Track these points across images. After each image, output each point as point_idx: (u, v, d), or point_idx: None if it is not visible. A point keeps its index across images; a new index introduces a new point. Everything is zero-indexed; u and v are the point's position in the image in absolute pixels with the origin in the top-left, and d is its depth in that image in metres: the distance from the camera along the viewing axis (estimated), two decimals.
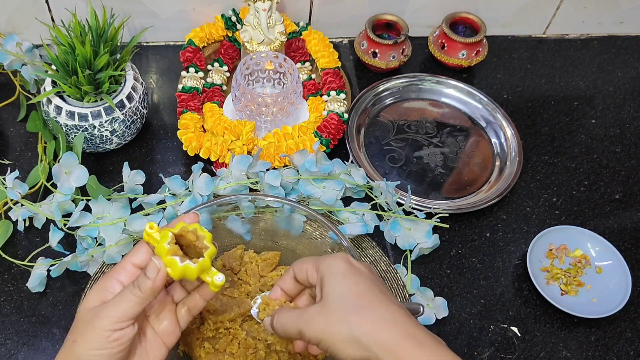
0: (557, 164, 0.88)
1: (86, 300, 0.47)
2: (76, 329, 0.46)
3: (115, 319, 0.45)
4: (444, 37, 0.95)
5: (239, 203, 0.64)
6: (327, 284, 0.47)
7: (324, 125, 0.82)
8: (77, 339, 0.45)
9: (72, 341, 0.46)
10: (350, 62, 0.98)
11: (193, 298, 0.52)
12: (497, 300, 0.73)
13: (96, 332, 0.45)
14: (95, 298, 0.47)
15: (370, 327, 0.44)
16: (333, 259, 0.49)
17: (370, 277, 0.48)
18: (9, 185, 0.69)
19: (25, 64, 0.82)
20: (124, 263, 0.49)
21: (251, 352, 0.59)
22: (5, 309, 0.68)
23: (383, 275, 0.70)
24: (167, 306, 0.51)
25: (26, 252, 0.71)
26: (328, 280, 0.47)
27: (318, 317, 0.46)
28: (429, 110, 0.92)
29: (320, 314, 0.46)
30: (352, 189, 0.77)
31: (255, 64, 0.83)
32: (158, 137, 0.85)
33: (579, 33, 1.07)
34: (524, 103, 0.95)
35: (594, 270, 0.76)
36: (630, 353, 0.70)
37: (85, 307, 0.47)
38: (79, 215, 0.67)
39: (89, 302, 0.47)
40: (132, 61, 0.81)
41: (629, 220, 0.82)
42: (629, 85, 1.00)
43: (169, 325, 0.50)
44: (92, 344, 0.45)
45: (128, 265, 0.48)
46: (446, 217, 0.75)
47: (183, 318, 0.51)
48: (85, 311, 0.47)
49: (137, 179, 0.72)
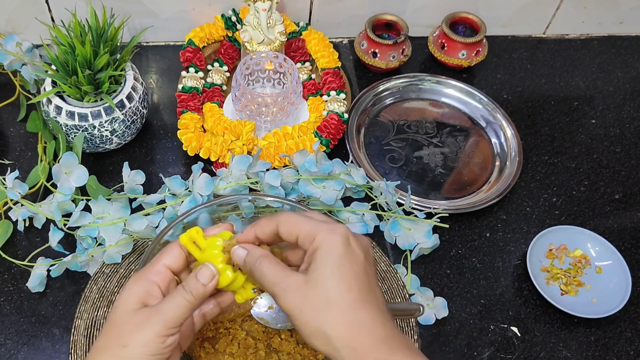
0: (557, 164, 0.88)
1: (124, 302, 0.46)
2: (123, 333, 0.45)
3: (169, 324, 0.44)
4: (444, 37, 0.95)
5: (239, 203, 0.64)
6: (319, 263, 0.43)
7: (324, 125, 0.82)
8: (128, 343, 0.44)
9: (122, 346, 0.44)
10: (350, 62, 0.98)
11: (209, 304, 0.51)
12: (497, 300, 0.73)
13: (151, 337, 0.43)
14: (135, 300, 0.46)
15: (346, 331, 0.42)
16: (333, 235, 0.44)
17: (363, 266, 0.44)
18: (9, 185, 0.69)
19: (25, 64, 0.82)
20: (157, 265, 0.48)
21: (251, 352, 0.59)
22: (5, 309, 0.68)
23: (383, 275, 0.70)
24: None
25: (26, 252, 0.71)
26: (321, 259, 0.43)
27: (296, 293, 0.43)
28: (429, 110, 0.92)
29: (300, 291, 0.43)
30: (352, 189, 0.77)
31: (255, 64, 0.83)
32: (158, 137, 0.85)
33: (579, 33, 1.07)
34: (524, 103, 0.95)
35: (594, 270, 0.76)
36: (630, 353, 0.70)
37: (125, 310, 0.45)
38: (79, 215, 0.67)
39: (128, 304, 0.46)
40: (132, 61, 0.81)
41: (629, 220, 0.82)
42: (629, 85, 1.00)
43: (186, 330, 0.49)
44: (147, 349, 0.43)
45: (162, 268, 0.48)
46: (446, 217, 0.75)
47: (198, 323, 0.51)
48: (128, 314, 0.45)
49: (137, 179, 0.72)
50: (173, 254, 0.48)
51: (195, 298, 0.45)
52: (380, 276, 0.70)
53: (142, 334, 0.44)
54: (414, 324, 0.67)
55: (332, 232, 0.45)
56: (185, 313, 0.45)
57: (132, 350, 0.43)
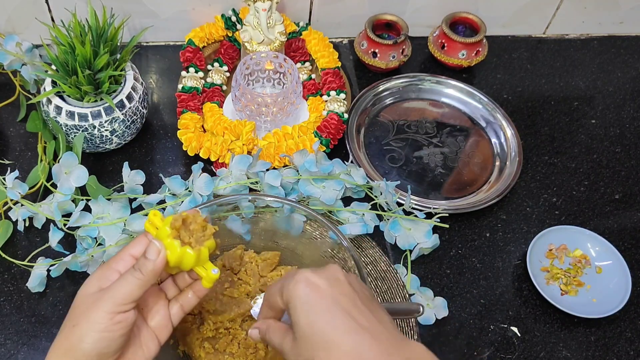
0: (557, 164, 0.88)
1: (85, 287, 0.47)
2: (75, 314, 0.46)
3: (118, 301, 0.45)
4: (444, 37, 0.95)
5: (239, 203, 0.64)
6: (293, 316, 0.46)
7: (324, 125, 0.82)
8: (78, 322, 0.45)
9: (72, 325, 0.45)
10: (350, 62, 0.98)
11: (185, 295, 0.53)
12: (497, 300, 0.73)
13: (99, 314, 0.45)
14: (94, 285, 0.47)
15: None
16: (293, 284, 0.46)
17: (333, 299, 0.45)
18: (9, 185, 0.69)
19: (25, 64, 0.82)
20: (123, 254, 0.49)
21: (251, 352, 0.59)
22: (5, 309, 0.68)
23: (383, 275, 0.70)
24: (159, 301, 0.52)
25: (26, 252, 0.71)
26: (294, 313, 0.46)
27: (292, 350, 0.46)
28: (429, 110, 0.92)
29: (293, 347, 0.46)
30: (352, 189, 0.77)
31: (255, 64, 0.83)
32: (158, 137, 0.85)
33: (579, 33, 1.07)
34: (524, 103, 0.95)
35: (594, 270, 0.76)
36: (630, 353, 0.70)
37: (84, 294, 0.47)
38: (79, 215, 0.67)
39: (87, 288, 0.47)
40: (132, 61, 0.81)
41: (629, 220, 0.82)
42: (629, 85, 1.00)
43: (161, 320, 0.51)
44: (95, 326, 0.44)
45: (126, 256, 0.49)
46: (446, 217, 0.75)
47: (176, 315, 0.52)
48: (85, 297, 0.47)
49: (137, 179, 0.72)
50: (140, 243, 0.49)
51: (144, 275, 0.46)
52: (380, 276, 0.70)
53: (91, 312, 0.45)
54: (414, 324, 0.67)
55: (293, 281, 0.47)
56: (135, 290, 0.46)
57: (81, 328, 0.45)
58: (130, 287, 0.46)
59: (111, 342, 0.45)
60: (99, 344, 0.45)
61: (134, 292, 0.46)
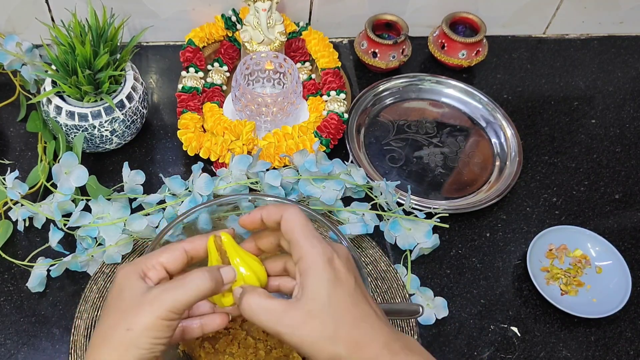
0: (557, 164, 0.88)
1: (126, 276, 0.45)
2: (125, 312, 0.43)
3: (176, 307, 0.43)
4: (444, 37, 0.95)
5: (239, 203, 0.64)
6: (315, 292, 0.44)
7: (324, 125, 0.82)
8: (132, 326, 0.42)
9: (126, 329, 0.42)
10: (350, 62, 0.98)
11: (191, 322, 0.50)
12: (497, 300, 0.73)
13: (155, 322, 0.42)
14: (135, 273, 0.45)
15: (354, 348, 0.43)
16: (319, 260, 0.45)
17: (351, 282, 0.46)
18: (9, 185, 0.69)
19: (25, 64, 0.82)
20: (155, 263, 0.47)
21: (251, 352, 0.59)
22: (5, 309, 0.68)
23: (383, 275, 0.70)
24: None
25: (26, 252, 0.71)
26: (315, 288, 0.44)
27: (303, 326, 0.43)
28: (429, 110, 0.92)
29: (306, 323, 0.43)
30: (352, 189, 0.77)
31: (255, 64, 0.83)
32: (158, 137, 0.85)
33: (579, 33, 1.07)
34: (524, 103, 0.95)
35: (594, 270, 0.76)
36: (630, 353, 0.70)
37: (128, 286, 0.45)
38: (79, 215, 0.67)
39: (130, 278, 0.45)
40: (132, 61, 0.81)
41: (629, 220, 0.82)
42: (629, 85, 1.00)
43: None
44: (151, 333, 0.42)
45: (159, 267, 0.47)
46: (446, 217, 0.75)
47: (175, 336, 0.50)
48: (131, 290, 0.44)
49: (137, 179, 0.72)
50: (198, 241, 0.48)
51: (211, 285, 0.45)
52: (380, 276, 0.71)
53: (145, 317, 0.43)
54: (414, 324, 0.67)
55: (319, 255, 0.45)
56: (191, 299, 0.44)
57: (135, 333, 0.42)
58: (189, 296, 0.44)
59: (163, 347, 0.44)
60: (153, 349, 0.43)
61: (192, 302, 0.44)
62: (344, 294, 0.45)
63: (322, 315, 0.44)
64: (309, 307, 0.44)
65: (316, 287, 0.44)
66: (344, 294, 0.45)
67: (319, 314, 0.44)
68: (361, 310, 0.45)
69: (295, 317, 0.44)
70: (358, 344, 0.43)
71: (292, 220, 0.47)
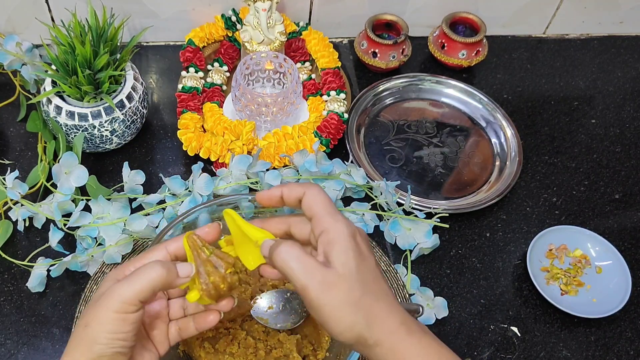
0: (557, 164, 0.88)
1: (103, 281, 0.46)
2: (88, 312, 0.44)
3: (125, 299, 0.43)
4: (444, 37, 0.95)
5: (239, 203, 0.64)
6: (342, 259, 0.44)
7: (324, 125, 0.82)
8: (89, 322, 0.43)
9: (85, 326, 0.44)
10: (350, 62, 0.98)
11: (187, 321, 0.51)
12: (497, 300, 0.73)
13: (109, 314, 0.43)
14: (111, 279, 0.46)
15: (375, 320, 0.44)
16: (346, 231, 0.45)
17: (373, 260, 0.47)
18: (9, 185, 0.69)
19: (25, 64, 0.82)
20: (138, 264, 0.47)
21: (251, 352, 0.59)
22: (5, 309, 0.68)
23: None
24: (161, 317, 0.50)
25: (26, 252, 0.71)
26: (343, 255, 0.44)
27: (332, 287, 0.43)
28: (429, 110, 0.92)
29: (336, 285, 0.43)
30: (352, 189, 0.77)
31: (255, 64, 0.83)
32: (158, 137, 0.85)
33: (579, 33, 1.07)
34: (524, 103, 0.95)
35: (594, 270, 0.76)
36: (630, 353, 0.70)
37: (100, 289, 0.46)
38: (79, 215, 0.67)
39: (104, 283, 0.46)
40: (132, 61, 0.82)
41: (629, 220, 0.82)
42: (629, 85, 1.00)
43: (158, 334, 0.50)
44: (107, 327, 0.43)
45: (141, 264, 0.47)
46: (446, 217, 0.75)
47: (172, 335, 0.51)
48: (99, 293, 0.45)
49: (137, 179, 0.72)
50: (156, 255, 0.48)
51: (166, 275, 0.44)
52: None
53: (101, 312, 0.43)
54: None
55: (346, 227, 0.46)
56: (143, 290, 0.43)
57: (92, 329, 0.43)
58: (141, 286, 0.43)
59: (124, 342, 0.44)
60: (112, 344, 0.43)
61: (144, 292, 0.43)
62: (367, 267, 0.45)
63: (352, 281, 0.44)
64: (340, 272, 0.44)
65: (344, 257, 0.45)
66: (367, 267, 0.45)
67: (349, 279, 0.44)
68: (381, 287, 0.46)
69: (327, 276, 0.44)
70: (377, 317, 0.44)
71: (315, 195, 0.48)
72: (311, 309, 0.45)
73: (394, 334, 0.44)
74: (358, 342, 0.44)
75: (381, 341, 0.44)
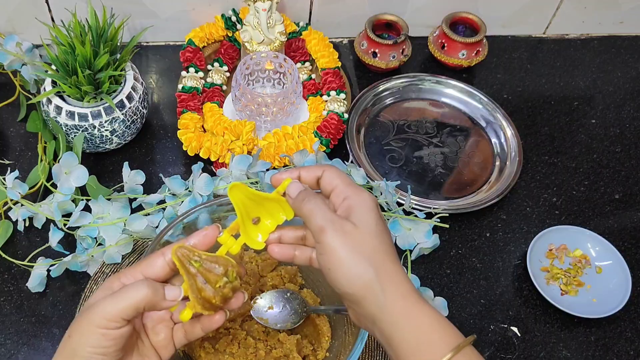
0: (557, 164, 0.88)
1: (91, 296, 0.46)
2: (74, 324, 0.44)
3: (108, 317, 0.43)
4: (444, 37, 0.95)
5: None
6: (363, 216, 0.45)
7: (324, 125, 0.82)
8: (72, 334, 0.43)
9: (68, 336, 0.44)
10: (350, 62, 0.98)
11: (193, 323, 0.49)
12: (497, 300, 0.73)
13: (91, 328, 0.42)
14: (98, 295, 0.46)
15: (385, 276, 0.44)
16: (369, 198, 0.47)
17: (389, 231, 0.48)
18: (9, 185, 0.69)
19: (25, 64, 0.82)
20: (135, 271, 0.47)
21: (251, 352, 0.59)
22: (5, 309, 0.68)
23: None
24: (164, 321, 0.50)
25: (26, 252, 0.71)
26: (365, 214, 0.46)
27: (348, 235, 0.44)
28: (429, 110, 0.92)
29: (351, 234, 0.44)
30: None
31: (255, 64, 0.83)
32: (158, 137, 0.85)
33: (579, 33, 1.07)
34: (524, 103, 0.95)
35: (594, 270, 0.76)
36: (630, 353, 0.70)
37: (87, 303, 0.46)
38: (79, 215, 0.67)
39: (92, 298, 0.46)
40: (132, 61, 0.81)
41: (629, 220, 0.82)
42: (629, 85, 1.00)
43: (163, 339, 0.49)
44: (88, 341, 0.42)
45: (138, 275, 0.46)
46: (446, 217, 0.75)
47: (179, 338, 0.50)
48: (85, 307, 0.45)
49: (137, 179, 0.72)
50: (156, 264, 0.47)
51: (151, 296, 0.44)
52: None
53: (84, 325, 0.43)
54: None
55: (369, 195, 0.47)
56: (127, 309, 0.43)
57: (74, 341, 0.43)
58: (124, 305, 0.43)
59: (104, 357, 0.43)
60: (91, 357, 0.42)
61: (127, 311, 0.43)
62: (385, 232, 0.46)
63: (367, 234, 0.45)
64: (357, 225, 0.45)
65: (365, 216, 0.45)
66: (385, 232, 0.46)
67: (364, 232, 0.45)
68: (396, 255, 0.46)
69: (345, 224, 0.45)
70: (391, 277, 0.44)
71: (334, 171, 0.48)
72: (323, 254, 0.45)
73: (406, 298, 0.44)
74: (366, 297, 0.44)
75: (393, 301, 0.44)
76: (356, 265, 0.44)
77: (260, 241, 0.50)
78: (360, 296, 0.44)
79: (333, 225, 0.45)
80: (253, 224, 0.50)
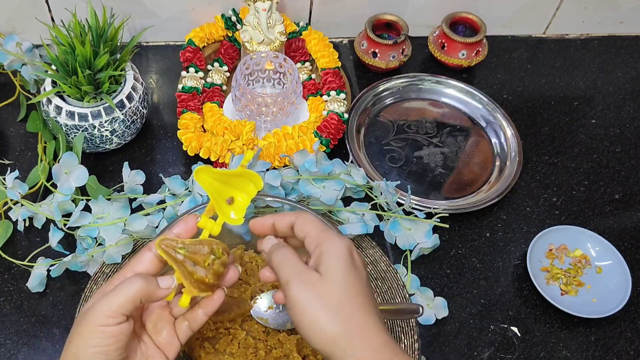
0: (557, 164, 0.88)
1: (87, 303, 0.47)
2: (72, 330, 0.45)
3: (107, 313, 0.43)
4: (444, 37, 0.95)
5: None
6: (331, 266, 0.45)
7: (324, 125, 0.82)
8: (72, 339, 0.44)
9: (69, 342, 0.44)
10: (350, 62, 0.98)
11: (194, 311, 0.50)
12: (497, 300, 0.73)
13: (90, 328, 0.43)
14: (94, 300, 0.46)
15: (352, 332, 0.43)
16: (340, 244, 0.46)
17: (364, 277, 0.47)
18: (9, 185, 0.69)
19: (25, 64, 0.82)
20: (125, 271, 0.47)
21: (251, 352, 0.59)
22: (5, 309, 0.68)
23: (383, 275, 0.70)
24: (164, 317, 0.50)
25: (26, 252, 0.71)
26: (332, 263, 0.45)
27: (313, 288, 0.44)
28: (429, 110, 0.92)
29: (316, 288, 0.44)
30: (352, 189, 0.77)
31: (255, 64, 0.83)
32: (158, 137, 0.85)
33: (579, 33, 1.07)
34: (524, 103, 0.95)
35: (594, 270, 0.76)
36: (630, 353, 0.70)
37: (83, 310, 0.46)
38: (79, 215, 0.67)
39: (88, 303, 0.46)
40: (132, 61, 0.81)
41: (629, 220, 0.82)
42: (629, 85, 1.00)
43: (167, 336, 0.49)
44: (89, 341, 0.43)
45: (129, 273, 0.47)
46: (446, 217, 0.75)
47: (183, 332, 0.50)
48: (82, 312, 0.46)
49: (137, 179, 0.72)
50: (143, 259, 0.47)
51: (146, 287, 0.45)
52: (380, 276, 0.70)
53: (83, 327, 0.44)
54: (414, 324, 0.67)
55: (340, 240, 0.47)
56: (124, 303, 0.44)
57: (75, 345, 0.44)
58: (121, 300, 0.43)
59: (108, 357, 0.43)
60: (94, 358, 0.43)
61: (125, 305, 0.43)
62: (357, 279, 0.45)
63: (333, 285, 0.44)
64: (323, 275, 0.45)
65: (333, 264, 0.45)
66: (357, 279, 0.45)
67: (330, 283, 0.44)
68: (369, 303, 0.45)
69: (310, 276, 0.45)
70: (361, 330, 0.43)
71: (307, 217, 0.49)
72: (290, 308, 0.45)
73: (377, 353, 0.43)
74: (334, 352, 0.43)
75: (364, 358, 0.42)
76: (319, 319, 0.43)
77: (235, 218, 0.52)
78: (328, 352, 0.43)
79: (299, 277, 0.44)
80: (228, 204, 0.52)
